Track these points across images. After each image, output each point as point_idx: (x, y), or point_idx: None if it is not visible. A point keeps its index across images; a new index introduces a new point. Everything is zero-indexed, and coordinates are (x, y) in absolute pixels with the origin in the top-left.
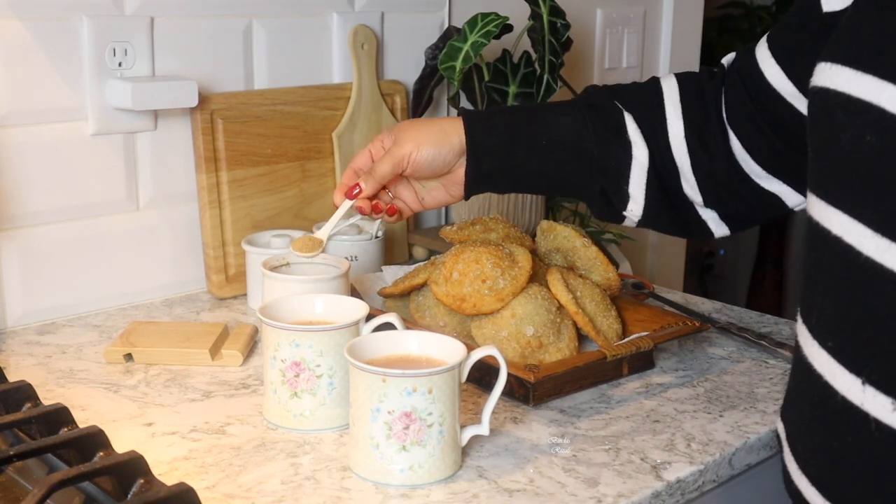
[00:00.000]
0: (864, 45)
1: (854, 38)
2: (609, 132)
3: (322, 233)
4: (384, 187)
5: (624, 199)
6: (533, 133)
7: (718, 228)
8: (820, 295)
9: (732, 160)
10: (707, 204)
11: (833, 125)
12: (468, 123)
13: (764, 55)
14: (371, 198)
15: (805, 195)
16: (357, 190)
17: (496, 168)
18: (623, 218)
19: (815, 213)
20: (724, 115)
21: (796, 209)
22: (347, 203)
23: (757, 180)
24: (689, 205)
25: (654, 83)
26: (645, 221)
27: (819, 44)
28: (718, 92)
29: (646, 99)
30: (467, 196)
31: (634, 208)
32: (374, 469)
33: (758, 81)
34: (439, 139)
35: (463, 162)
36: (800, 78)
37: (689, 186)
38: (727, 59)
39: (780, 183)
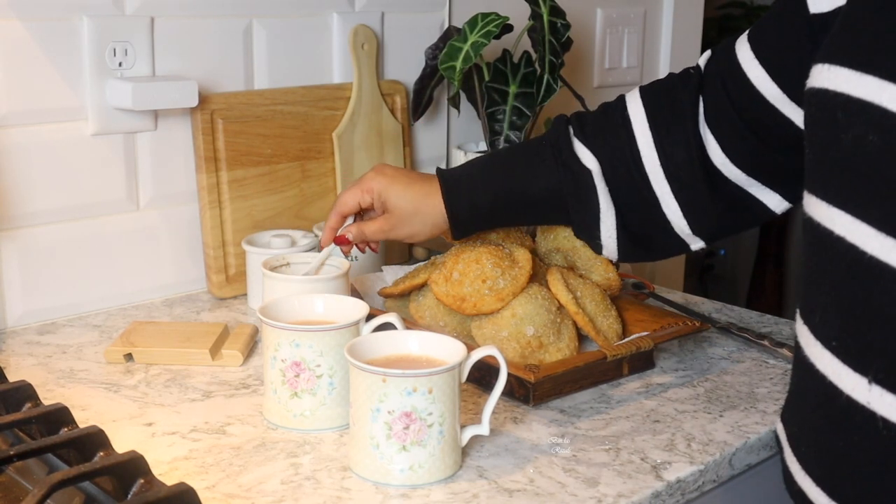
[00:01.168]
0: (863, 46)
1: (852, 38)
2: (579, 191)
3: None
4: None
5: (598, 247)
6: (510, 198)
7: (696, 244)
8: (822, 295)
9: (711, 170)
10: (693, 230)
11: (834, 126)
12: (450, 206)
13: (746, 56)
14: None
15: (788, 198)
16: (343, 239)
17: (479, 229)
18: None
19: (815, 214)
20: (703, 122)
21: (778, 212)
22: (332, 247)
23: (736, 183)
24: (670, 229)
25: (622, 110)
26: (623, 260)
27: (805, 45)
28: (695, 99)
29: (614, 135)
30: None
31: (609, 254)
32: (375, 469)
33: (740, 84)
34: (423, 220)
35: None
36: (785, 80)
37: (672, 212)
38: (703, 60)
39: (762, 187)
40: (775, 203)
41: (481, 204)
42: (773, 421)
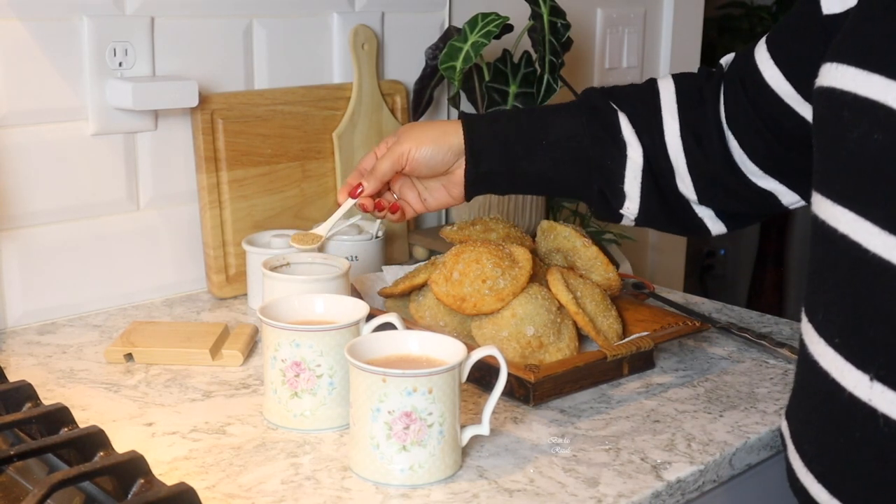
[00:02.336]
0: (871, 45)
1: (860, 38)
2: (604, 132)
3: (322, 229)
4: (388, 188)
5: (620, 197)
6: (530, 134)
7: (715, 226)
8: (826, 293)
9: (729, 159)
10: (702, 201)
11: (840, 124)
12: (467, 125)
13: (763, 57)
14: (374, 197)
15: (800, 194)
16: (360, 189)
17: (494, 169)
18: (621, 217)
19: (820, 211)
20: (723, 116)
21: (791, 207)
22: (350, 202)
23: (753, 179)
24: (686, 203)
25: (651, 84)
26: (642, 220)
27: (819, 46)
28: (716, 92)
29: (642, 99)
30: (468, 197)
31: (631, 206)
32: (375, 469)
33: (756, 83)
34: (438, 138)
35: (462, 163)
36: (799, 80)
37: (685, 185)
38: (726, 60)
39: (776, 182)
40: (790, 200)
41: (499, 130)
42: (774, 421)
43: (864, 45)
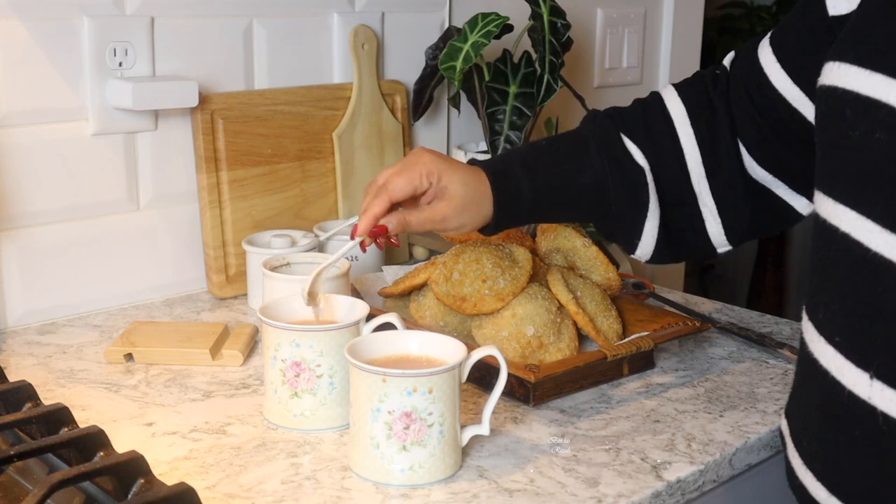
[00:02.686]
0: (873, 44)
1: (862, 37)
2: (628, 193)
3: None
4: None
5: (632, 247)
6: (557, 194)
7: (721, 245)
8: (827, 291)
9: (745, 171)
10: (725, 228)
11: (842, 123)
12: (497, 196)
13: (768, 59)
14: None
15: (811, 200)
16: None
17: (517, 224)
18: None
19: (822, 210)
20: (735, 120)
21: (805, 214)
22: (357, 240)
23: (766, 185)
24: (702, 232)
25: (661, 108)
26: (649, 262)
27: (825, 48)
28: (726, 100)
29: (659, 131)
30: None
31: (641, 255)
32: (375, 469)
33: (761, 85)
34: (476, 209)
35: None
36: (805, 82)
37: (708, 210)
38: (728, 60)
39: (788, 189)
40: (803, 206)
41: (525, 196)
42: (774, 421)
43: (867, 44)
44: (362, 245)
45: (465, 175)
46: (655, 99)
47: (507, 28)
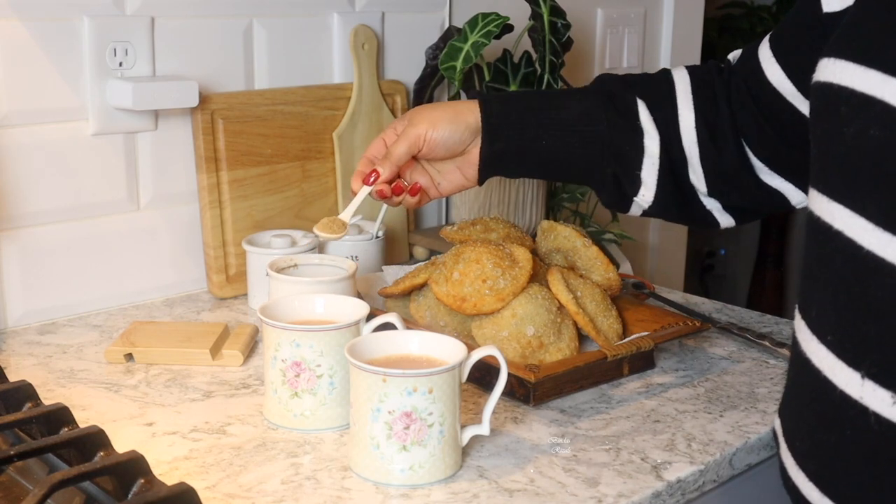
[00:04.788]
0: (868, 40)
1: (857, 33)
2: (622, 118)
3: (344, 215)
4: (399, 175)
5: (636, 184)
6: (546, 115)
7: (724, 218)
8: (819, 290)
9: (742, 155)
10: (711, 194)
11: (836, 119)
12: (484, 103)
13: (766, 55)
14: (389, 182)
15: (806, 192)
16: (374, 175)
17: (509, 148)
18: (630, 204)
19: (815, 207)
20: (735, 112)
21: (799, 207)
22: (366, 189)
23: (761, 176)
24: (694, 193)
25: (666, 74)
26: (654, 208)
27: (819, 45)
28: (727, 87)
29: (658, 89)
30: (481, 179)
31: (646, 194)
32: (375, 469)
33: (759, 81)
34: (454, 118)
35: (478, 143)
36: (800, 78)
37: (696, 176)
38: (733, 56)
39: (784, 181)
40: (799, 199)
41: (514, 108)
42: (774, 421)
43: (862, 40)
44: (381, 193)
45: (452, 124)
46: (662, 70)
47: (508, 28)
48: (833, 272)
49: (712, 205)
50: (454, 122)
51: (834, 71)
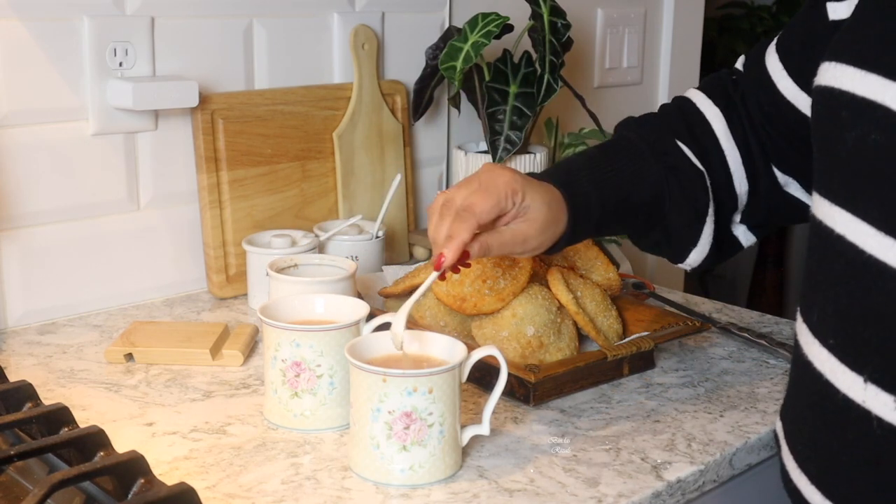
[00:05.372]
0: (869, 45)
1: (858, 38)
2: (687, 202)
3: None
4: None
5: (685, 254)
6: (621, 208)
7: (748, 239)
8: (821, 293)
9: (770, 170)
10: (742, 220)
11: (838, 124)
12: (572, 215)
13: (775, 67)
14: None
15: None
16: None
17: (579, 241)
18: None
19: (818, 212)
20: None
21: None
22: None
23: (788, 189)
24: (727, 225)
25: (697, 112)
26: (703, 267)
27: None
28: (745, 104)
29: (692, 133)
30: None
31: (693, 262)
32: (375, 469)
33: (769, 91)
34: (551, 232)
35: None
36: (810, 87)
37: (741, 212)
38: (740, 63)
39: (800, 188)
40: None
41: (594, 212)
42: (774, 421)
43: (862, 44)
44: (442, 275)
45: (545, 194)
46: (684, 101)
47: (508, 28)
48: (835, 276)
49: (740, 230)
50: (548, 235)
51: (835, 75)
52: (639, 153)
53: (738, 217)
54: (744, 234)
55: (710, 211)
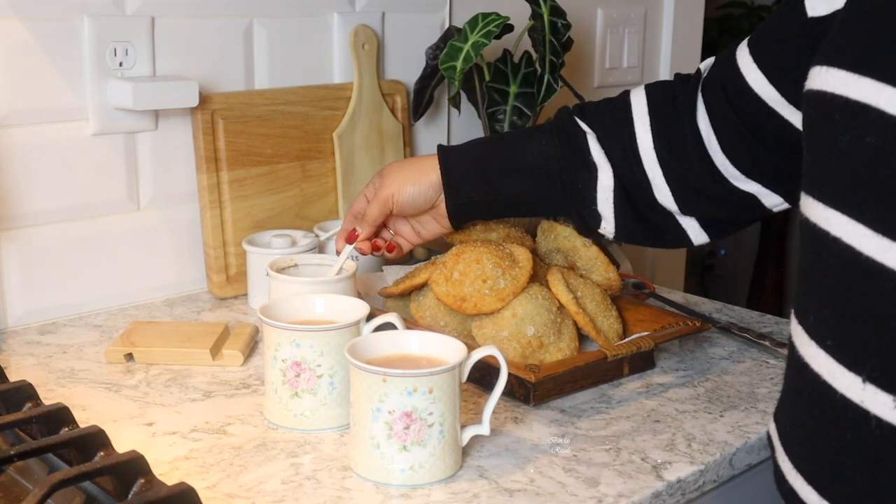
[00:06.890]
0: (860, 48)
1: (849, 40)
2: (574, 155)
3: (331, 273)
4: (384, 226)
5: (596, 218)
6: (504, 162)
7: (698, 236)
8: (817, 295)
9: (709, 165)
10: (684, 211)
11: (831, 128)
12: (443, 159)
13: (745, 61)
14: (370, 238)
15: (783, 196)
16: (356, 234)
17: (474, 200)
18: (601, 233)
19: (811, 214)
20: (701, 122)
21: (774, 210)
22: (349, 247)
23: (735, 182)
24: (668, 214)
25: (624, 97)
26: (620, 237)
27: (804, 49)
28: (693, 98)
29: (613, 115)
30: (455, 227)
31: (607, 227)
32: (375, 469)
33: (738, 87)
34: (418, 178)
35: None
36: (783, 84)
37: (663, 196)
38: (705, 65)
39: (759, 185)
40: (773, 202)
41: (473, 160)
42: (769, 425)
43: (854, 47)
44: (361, 251)
45: (417, 185)
46: (622, 93)
47: (508, 28)
48: (832, 278)
49: (689, 223)
50: (418, 183)
51: (827, 79)
52: (537, 127)
53: (672, 206)
54: (695, 230)
55: (600, 164)
